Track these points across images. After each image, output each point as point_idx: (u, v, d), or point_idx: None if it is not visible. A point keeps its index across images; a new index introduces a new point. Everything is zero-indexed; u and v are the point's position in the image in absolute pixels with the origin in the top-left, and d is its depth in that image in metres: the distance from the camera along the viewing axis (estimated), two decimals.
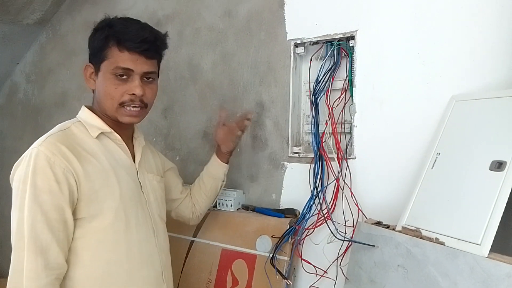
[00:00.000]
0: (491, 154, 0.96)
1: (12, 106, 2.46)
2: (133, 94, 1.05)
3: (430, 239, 0.98)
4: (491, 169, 0.94)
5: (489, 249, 0.86)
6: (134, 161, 1.15)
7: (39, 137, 1.01)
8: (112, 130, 1.09)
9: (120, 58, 1.03)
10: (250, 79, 1.58)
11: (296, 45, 1.45)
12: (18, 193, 0.95)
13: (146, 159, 1.22)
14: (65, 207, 0.96)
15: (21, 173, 0.96)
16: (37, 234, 0.92)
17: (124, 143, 1.12)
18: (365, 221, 1.22)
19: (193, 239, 1.55)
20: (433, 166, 1.09)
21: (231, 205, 1.51)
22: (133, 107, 1.06)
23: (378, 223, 1.18)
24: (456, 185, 1.00)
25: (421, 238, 1.00)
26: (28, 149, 0.98)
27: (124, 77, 1.04)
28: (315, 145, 1.37)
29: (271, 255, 1.33)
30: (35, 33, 2.31)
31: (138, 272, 1.08)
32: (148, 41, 1.05)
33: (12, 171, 0.99)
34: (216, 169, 1.38)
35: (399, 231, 1.07)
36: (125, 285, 1.06)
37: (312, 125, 1.39)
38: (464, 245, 0.90)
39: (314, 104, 1.39)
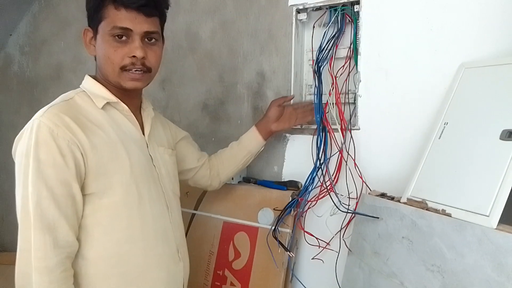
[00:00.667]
0: (501, 123, 0.92)
1: (7, 79, 2.40)
2: (134, 56, 0.97)
3: (436, 211, 0.95)
4: (501, 138, 0.90)
5: (497, 220, 0.83)
6: (143, 134, 1.09)
7: (36, 111, 0.94)
8: (119, 100, 1.03)
9: (117, 17, 0.95)
10: (250, 48, 1.52)
11: (298, 11, 1.39)
12: (21, 168, 0.89)
13: (156, 131, 1.16)
14: (72, 182, 0.90)
15: (22, 147, 0.89)
16: (43, 211, 0.86)
17: (132, 114, 1.06)
18: (369, 193, 1.21)
19: (194, 212, 1.54)
20: (440, 136, 1.06)
21: (233, 178, 1.49)
22: (135, 70, 0.99)
23: (383, 195, 1.16)
24: (464, 155, 0.97)
25: (427, 209, 0.98)
26: (29, 121, 0.92)
27: (124, 38, 0.97)
28: (318, 116, 1.33)
29: (273, 228, 1.32)
30: (27, 3, 2.22)
31: (153, 250, 1.03)
32: None
33: (13, 145, 0.93)
34: (253, 143, 1.35)
35: (404, 203, 1.05)
36: (140, 264, 1.01)
37: (315, 95, 1.35)
38: (472, 216, 0.87)
39: (317, 73, 1.35)
